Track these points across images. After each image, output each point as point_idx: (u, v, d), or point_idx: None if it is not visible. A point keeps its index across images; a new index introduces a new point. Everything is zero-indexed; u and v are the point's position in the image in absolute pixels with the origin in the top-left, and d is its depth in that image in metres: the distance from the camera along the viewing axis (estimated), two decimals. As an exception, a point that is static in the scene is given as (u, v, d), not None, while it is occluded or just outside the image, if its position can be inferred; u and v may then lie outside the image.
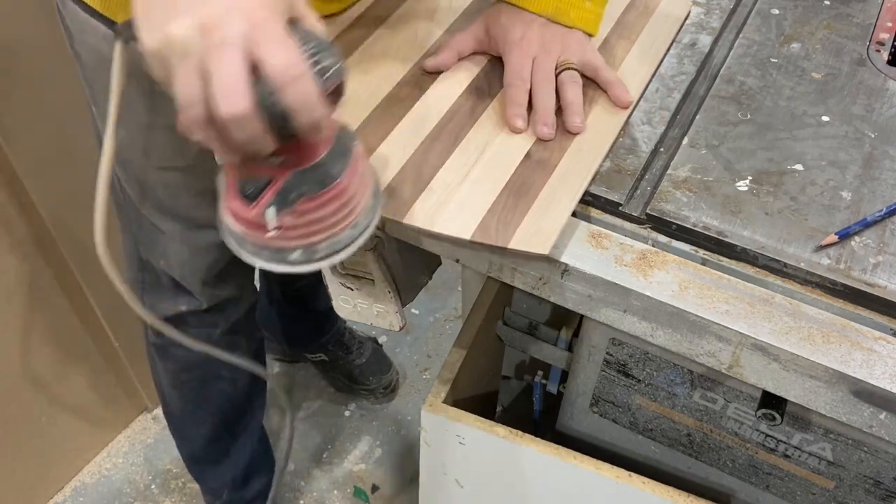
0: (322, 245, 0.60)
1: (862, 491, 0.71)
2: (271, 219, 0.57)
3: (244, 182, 0.57)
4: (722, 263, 0.66)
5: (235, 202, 0.58)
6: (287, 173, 0.56)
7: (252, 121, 0.47)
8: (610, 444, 0.87)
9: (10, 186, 1.15)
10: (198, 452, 1.28)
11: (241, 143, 0.49)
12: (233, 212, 0.59)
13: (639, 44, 0.82)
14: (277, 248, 0.59)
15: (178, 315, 1.03)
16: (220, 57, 0.45)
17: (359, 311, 0.83)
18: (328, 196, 0.58)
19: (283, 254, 0.60)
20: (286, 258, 0.60)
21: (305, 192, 0.57)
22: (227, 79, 0.46)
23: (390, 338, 1.74)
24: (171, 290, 1.01)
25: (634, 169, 0.71)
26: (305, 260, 0.60)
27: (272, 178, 0.56)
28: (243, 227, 0.59)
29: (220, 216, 0.61)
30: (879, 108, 0.77)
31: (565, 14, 0.75)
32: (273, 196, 0.56)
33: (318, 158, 0.57)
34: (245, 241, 0.60)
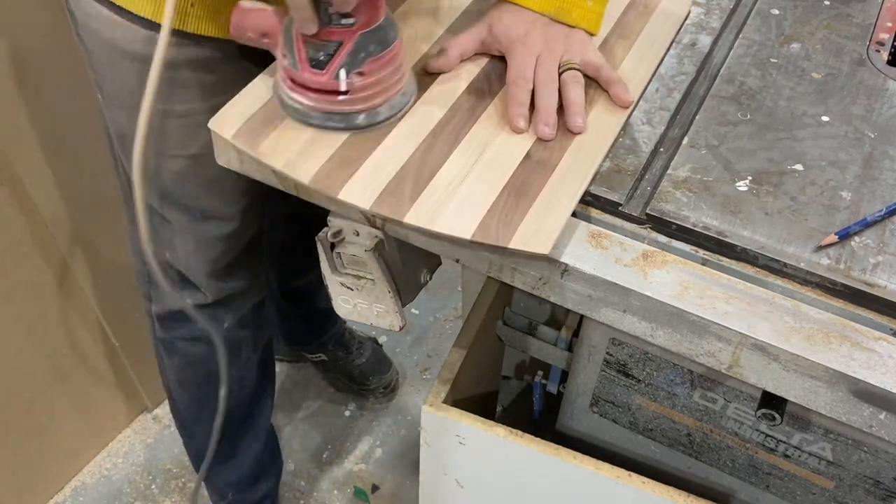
0: (382, 108, 0.68)
1: (862, 491, 0.71)
2: (343, 81, 0.65)
3: (316, 50, 0.64)
4: (722, 263, 0.66)
5: (308, 73, 0.65)
6: (356, 35, 0.63)
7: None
8: (610, 444, 0.87)
9: (11, 186, 1.15)
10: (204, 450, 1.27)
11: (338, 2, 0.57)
12: (304, 81, 0.65)
13: (639, 44, 0.82)
14: (345, 112, 0.67)
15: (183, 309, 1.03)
16: None
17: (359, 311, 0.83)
18: (389, 56, 0.66)
19: (349, 118, 0.67)
20: (353, 122, 0.68)
21: (372, 53, 0.65)
22: None
23: (390, 338, 1.74)
24: (176, 283, 1.01)
25: (634, 169, 0.71)
26: (369, 122, 0.68)
27: (342, 42, 0.63)
28: (314, 95, 0.66)
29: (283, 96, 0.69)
30: (879, 108, 0.77)
31: (568, 13, 0.76)
32: (345, 57, 0.64)
33: (381, 21, 0.65)
34: (313, 112, 0.67)
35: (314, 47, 0.64)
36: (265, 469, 1.35)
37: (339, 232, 0.75)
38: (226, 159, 0.74)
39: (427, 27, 0.83)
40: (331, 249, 0.77)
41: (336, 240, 0.76)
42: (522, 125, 0.72)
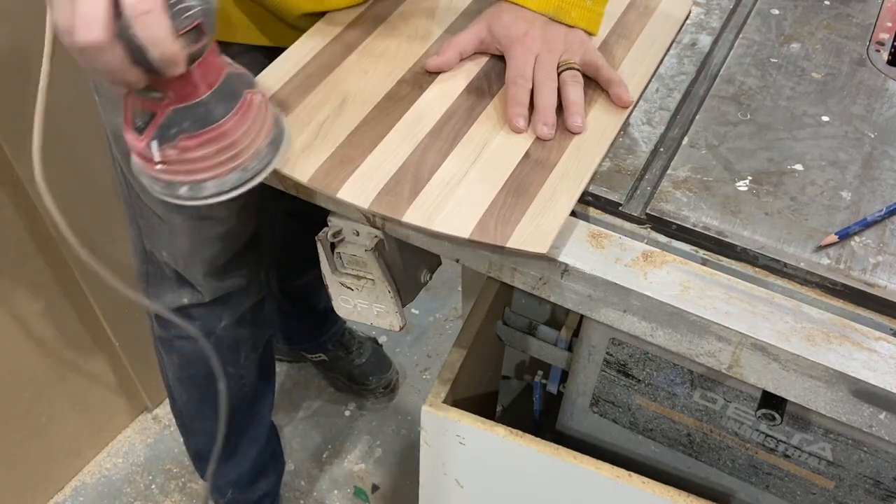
0: (209, 184, 0.64)
1: (862, 491, 0.71)
2: (154, 151, 0.61)
3: (135, 114, 0.61)
4: (722, 263, 0.66)
5: (129, 133, 0.62)
6: (168, 109, 0.59)
7: (109, 51, 0.51)
8: (610, 444, 0.87)
9: (11, 186, 1.15)
10: (204, 449, 1.28)
11: (106, 72, 0.53)
12: (127, 142, 0.63)
13: (638, 44, 0.82)
14: (166, 181, 0.63)
15: (181, 307, 1.03)
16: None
17: (359, 311, 0.83)
18: (208, 136, 0.61)
19: (172, 187, 0.63)
20: (175, 192, 0.64)
21: (186, 130, 0.60)
22: (86, 10, 0.49)
23: (390, 338, 1.74)
24: (174, 283, 1.01)
25: (634, 169, 0.71)
26: (192, 196, 0.64)
27: (154, 113, 0.60)
28: (137, 157, 0.63)
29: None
30: (879, 108, 0.77)
31: (567, 13, 0.76)
32: (155, 130, 0.60)
33: (199, 98, 0.60)
34: (142, 173, 0.64)
35: (134, 110, 0.61)
36: (265, 468, 1.35)
37: (339, 232, 0.76)
38: None
39: (426, 27, 0.83)
40: (331, 249, 0.77)
41: (336, 240, 0.76)
42: (521, 125, 0.72)
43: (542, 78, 0.73)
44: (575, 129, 0.72)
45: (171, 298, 1.03)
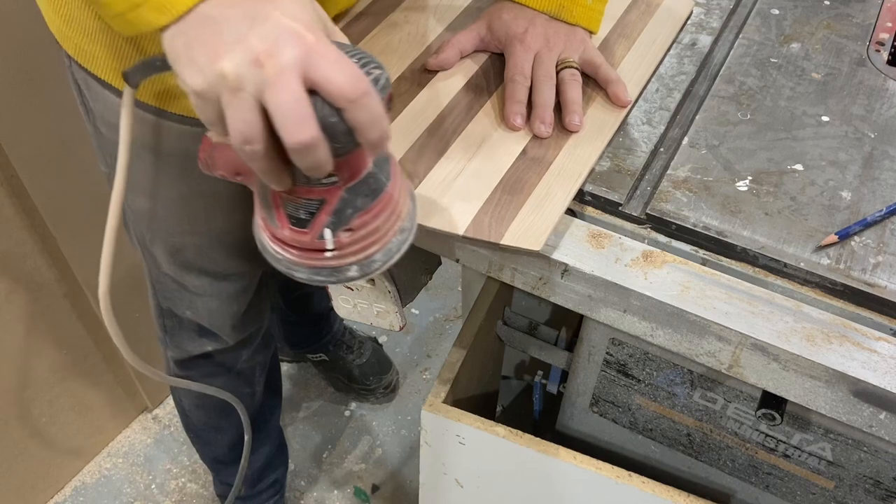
0: (376, 256, 0.58)
1: (862, 491, 0.71)
2: (329, 240, 0.55)
3: (295, 207, 0.55)
4: (722, 263, 0.66)
5: (287, 230, 0.56)
6: (340, 191, 0.54)
7: (320, 145, 0.46)
8: (610, 444, 0.87)
9: (10, 186, 1.15)
10: (221, 456, 1.30)
11: (306, 168, 0.48)
12: (284, 240, 0.57)
13: (639, 43, 0.82)
14: (334, 267, 0.57)
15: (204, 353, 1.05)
16: (281, 86, 0.44)
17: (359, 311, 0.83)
18: (380, 206, 0.56)
19: (339, 272, 0.58)
20: (343, 275, 0.58)
21: (360, 207, 0.55)
22: (293, 106, 0.44)
23: (390, 338, 1.74)
24: (195, 333, 1.03)
25: (634, 169, 0.71)
26: (362, 273, 0.59)
27: (325, 200, 0.54)
28: (297, 252, 0.57)
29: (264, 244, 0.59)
30: (879, 108, 0.77)
31: (568, 11, 0.76)
32: (328, 217, 0.55)
33: (367, 170, 0.55)
34: (299, 266, 0.58)
35: (293, 205, 0.55)
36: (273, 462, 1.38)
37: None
38: None
39: (426, 24, 0.83)
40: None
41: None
42: (519, 123, 0.72)
43: (541, 76, 0.73)
44: (572, 128, 0.72)
45: (194, 346, 1.04)
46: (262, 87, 0.45)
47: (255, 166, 0.49)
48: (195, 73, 0.46)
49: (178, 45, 0.47)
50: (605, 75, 0.75)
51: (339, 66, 0.45)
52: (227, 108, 0.46)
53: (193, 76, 0.46)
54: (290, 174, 0.51)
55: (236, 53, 0.45)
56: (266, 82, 0.44)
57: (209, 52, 0.45)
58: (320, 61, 0.45)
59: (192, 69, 0.46)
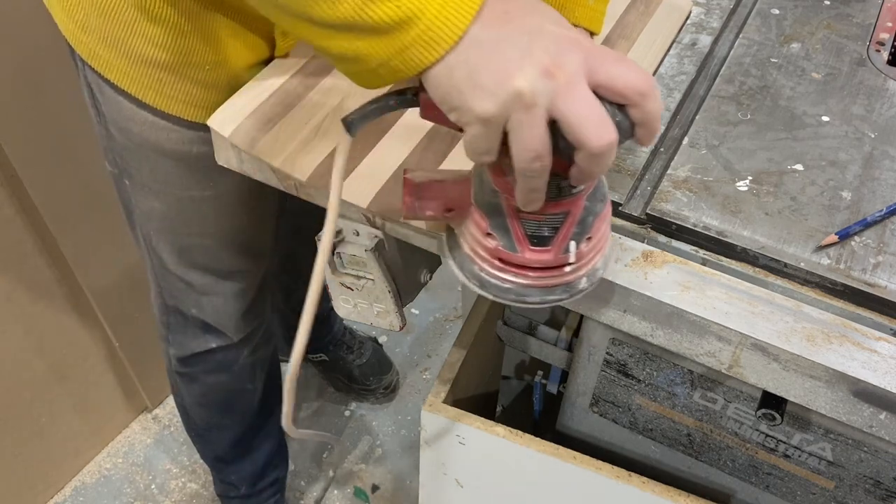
0: (599, 262, 0.58)
1: (862, 491, 0.71)
2: (573, 253, 0.55)
3: (538, 226, 0.54)
4: (722, 263, 0.66)
5: (528, 252, 0.54)
6: (582, 199, 0.53)
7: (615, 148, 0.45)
8: (610, 444, 0.87)
9: (10, 186, 1.15)
10: (222, 454, 1.30)
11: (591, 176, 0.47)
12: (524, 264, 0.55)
13: (639, 44, 0.82)
14: (570, 281, 0.57)
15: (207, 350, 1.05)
16: (576, 93, 0.44)
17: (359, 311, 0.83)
18: (607, 207, 0.56)
19: (572, 287, 0.57)
20: (576, 289, 0.57)
21: (597, 212, 0.55)
22: (593, 111, 0.44)
23: (390, 338, 1.74)
24: (199, 330, 1.04)
25: (634, 169, 0.71)
26: (590, 283, 0.58)
27: (569, 212, 0.53)
28: (534, 274, 0.56)
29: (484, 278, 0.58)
30: (879, 108, 0.77)
31: (570, 12, 0.75)
32: (573, 228, 0.54)
33: None
34: (530, 290, 0.57)
35: (534, 223, 0.53)
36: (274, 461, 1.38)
37: (339, 232, 0.75)
38: (225, 159, 0.74)
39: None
40: (331, 249, 0.77)
41: (336, 240, 0.76)
42: None
43: None
44: None
45: (196, 344, 1.05)
46: (554, 99, 0.44)
47: (532, 185, 0.48)
48: (485, 98, 0.44)
49: (459, 76, 0.45)
50: None
51: (623, 64, 0.45)
52: (518, 127, 0.45)
53: (483, 103, 0.44)
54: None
55: (527, 69, 0.44)
56: (558, 94, 0.44)
57: (498, 74, 0.44)
58: (603, 63, 0.45)
59: (480, 96, 0.44)
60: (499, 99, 0.44)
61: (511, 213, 0.54)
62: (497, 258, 0.56)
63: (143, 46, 0.70)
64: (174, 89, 0.73)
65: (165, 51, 0.70)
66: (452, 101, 0.46)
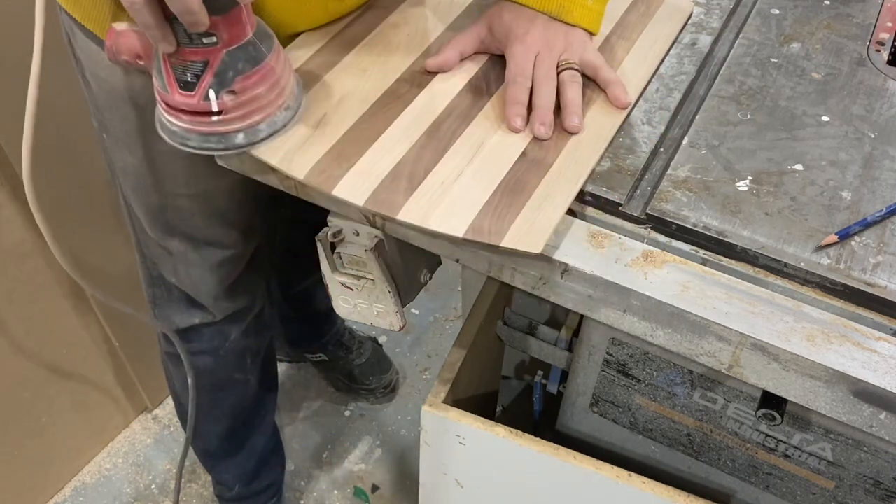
0: (262, 125, 0.66)
1: (862, 491, 0.71)
2: (213, 101, 0.63)
3: (183, 70, 0.62)
4: (722, 263, 0.66)
5: (177, 95, 0.63)
6: (221, 52, 0.61)
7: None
8: (610, 444, 0.87)
9: (11, 186, 1.15)
10: (212, 448, 1.30)
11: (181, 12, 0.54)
12: (175, 104, 0.63)
13: (639, 44, 0.82)
14: (222, 132, 0.65)
15: (191, 327, 1.05)
16: None
17: (359, 311, 0.83)
18: (261, 73, 0.64)
19: (228, 139, 0.65)
20: (232, 143, 0.65)
21: (241, 71, 0.62)
22: None
23: (390, 338, 1.74)
24: (184, 304, 1.03)
25: (634, 169, 0.71)
26: (249, 142, 0.66)
27: (208, 62, 0.61)
28: (187, 117, 0.64)
29: (161, 120, 0.67)
30: (879, 108, 0.77)
31: (569, 12, 0.76)
32: (212, 77, 0.62)
33: (248, 37, 0.62)
34: (190, 136, 0.65)
35: (181, 68, 0.62)
36: (269, 461, 1.37)
37: (339, 232, 0.76)
38: (225, 159, 0.75)
39: (427, 25, 0.83)
40: (331, 249, 0.77)
41: (336, 240, 0.76)
42: (519, 124, 0.72)
43: (542, 77, 0.73)
44: (572, 130, 0.72)
45: (181, 319, 1.05)
46: None
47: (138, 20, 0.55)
48: None
49: None
50: (605, 77, 0.75)
51: None
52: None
53: None
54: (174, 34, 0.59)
55: None
56: None
57: None
58: None
59: None
60: None
61: (164, 58, 0.62)
62: (162, 101, 0.65)
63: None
64: None
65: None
66: None
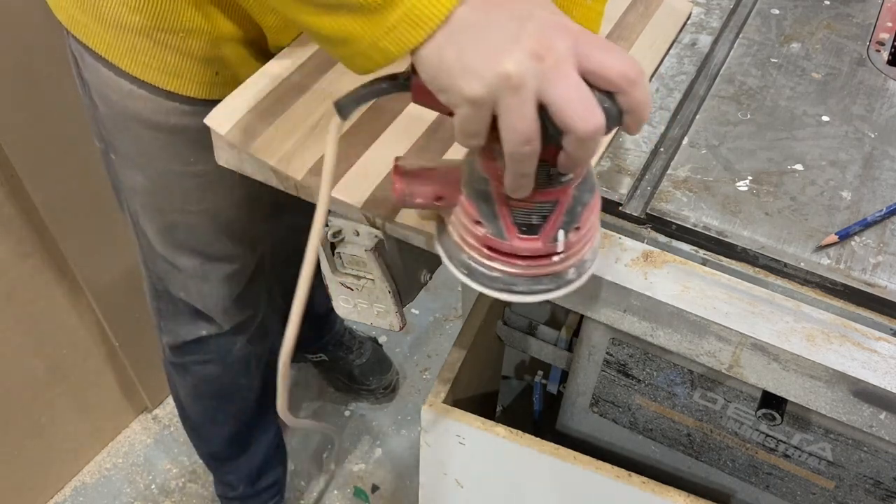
0: (588, 254, 0.58)
1: (862, 491, 0.71)
2: (561, 242, 0.55)
3: (527, 214, 0.54)
4: (722, 263, 0.66)
5: (517, 240, 0.54)
6: (571, 189, 0.53)
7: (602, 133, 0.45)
8: (610, 444, 0.87)
9: (10, 186, 1.15)
10: (217, 451, 1.30)
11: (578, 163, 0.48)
12: (512, 252, 0.55)
13: (637, 45, 0.82)
14: (558, 272, 0.57)
15: (197, 339, 1.05)
16: (564, 77, 0.44)
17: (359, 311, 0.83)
18: (596, 198, 0.56)
19: (560, 277, 0.57)
20: (563, 280, 0.58)
21: (586, 202, 0.55)
22: (581, 95, 0.44)
23: (390, 338, 1.74)
24: (190, 317, 1.03)
25: (634, 169, 0.71)
26: (578, 275, 0.58)
27: (558, 201, 0.53)
28: (523, 263, 0.56)
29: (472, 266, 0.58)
30: (879, 108, 0.77)
31: (568, 12, 0.75)
32: (562, 217, 0.54)
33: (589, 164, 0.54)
34: (517, 279, 0.57)
35: (523, 211, 0.53)
36: (272, 460, 1.38)
37: (339, 232, 0.75)
38: (225, 159, 0.74)
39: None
40: (331, 249, 0.77)
41: (336, 240, 0.76)
42: None
43: None
44: None
45: (188, 331, 1.05)
46: (542, 83, 0.44)
47: (521, 169, 0.47)
48: (473, 80, 0.44)
49: (448, 58, 0.45)
50: None
51: (612, 51, 0.46)
52: (506, 110, 0.45)
53: (471, 84, 0.44)
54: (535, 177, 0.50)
55: (516, 52, 0.44)
56: (546, 77, 0.44)
57: (487, 56, 0.44)
58: (593, 49, 0.45)
59: (468, 77, 0.44)
60: (487, 80, 0.44)
61: (500, 201, 0.54)
62: (485, 246, 0.56)
63: (116, 9, 0.70)
64: (148, 56, 0.73)
65: (138, 13, 0.70)
66: (442, 82, 0.46)
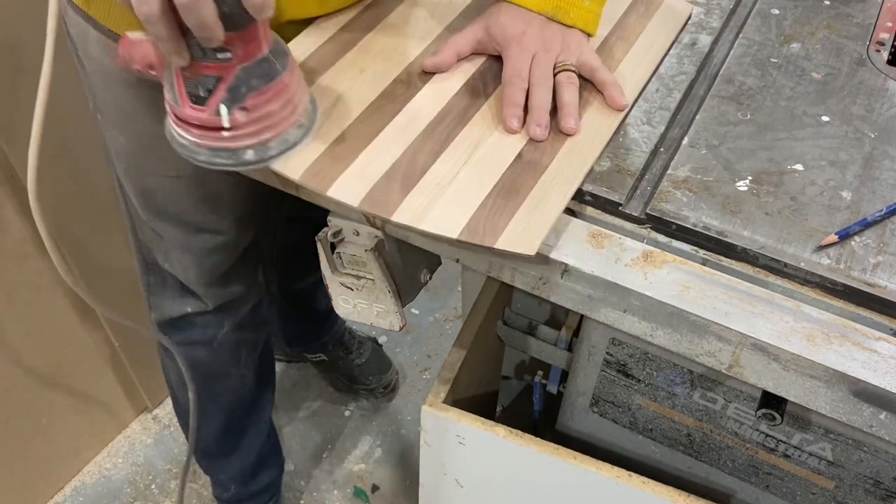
0: (273, 143, 0.65)
1: (862, 491, 0.71)
2: (225, 116, 0.61)
3: (194, 84, 0.61)
4: (722, 263, 0.66)
5: (188, 108, 0.62)
6: (235, 68, 0.60)
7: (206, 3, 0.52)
8: (610, 444, 0.87)
9: (10, 186, 1.15)
10: (208, 446, 1.30)
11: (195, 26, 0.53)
12: (186, 117, 0.62)
13: (637, 46, 0.82)
14: (232, 148, 0.63)
15: (184, 316, 1.04)
16: None
17: (359, 311, 0.83)
18: (275, 90, 0.62)
19: (237, 154, 0.64)
20: (241, 159, 0.64)
21: (254, 87, 0.61)
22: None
23: (390, 338, 1.74)
24: (177, 292, 1.02)
25: (634, 169, 0.71)
26: (259, 159, 0.65)
27: (221, 76, 0.60)
28: (197, 131, 0.63)
29: (171, 132, 0.65)
30: (879, 108, 0.77)
31: (565, 13, 0.75)
32: (224, 92, 0.61)
33: (263, 54, 0.61)
34: (199, 149, 0.64)
35: (193, 82, 0.61)
36: (266, 461, 1.37)
37: (339, 232, 0.76)
38: None
39: (425, 26, 0.83)
40: (331, 249, 0.77)
41: (336, 239, 0.76)
42: (515, 125, 0.72)
43: (538, 78, 0.73)
44: (568, 131, 0.72)
45: (174, 307, 1.04)
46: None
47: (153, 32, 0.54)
48: None
49: None
50: (601, 78, 0.75)
51: None
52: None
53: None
54: (188, 47, 0.58)
55: None
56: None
57: None
58: None
59: None
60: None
61: (176, 71, 0.61)
62: (172, 113, 0.64)
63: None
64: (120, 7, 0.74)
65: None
66: None
